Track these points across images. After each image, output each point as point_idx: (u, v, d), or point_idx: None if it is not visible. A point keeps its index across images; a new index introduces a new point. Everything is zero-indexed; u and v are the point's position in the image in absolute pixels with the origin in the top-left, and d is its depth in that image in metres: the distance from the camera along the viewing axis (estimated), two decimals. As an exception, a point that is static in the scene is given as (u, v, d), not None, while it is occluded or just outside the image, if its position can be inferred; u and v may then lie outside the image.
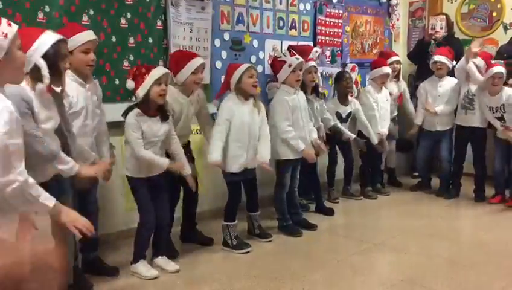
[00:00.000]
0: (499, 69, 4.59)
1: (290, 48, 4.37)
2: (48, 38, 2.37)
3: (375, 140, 4.95)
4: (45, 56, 2.33)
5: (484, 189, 5.03)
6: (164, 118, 3.18)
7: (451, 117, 5.11)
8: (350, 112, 4.92)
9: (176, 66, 3.49)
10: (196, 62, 3.47)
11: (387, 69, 5.08)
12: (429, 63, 5.13)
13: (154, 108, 3.13)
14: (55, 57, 2.38)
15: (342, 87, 4.89)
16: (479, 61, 4.73)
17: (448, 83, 5.07)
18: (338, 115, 4.86)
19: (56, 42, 2.39)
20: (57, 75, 2.39)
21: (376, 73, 5.08)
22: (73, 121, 2.84)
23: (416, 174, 5.77)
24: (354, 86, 5.13)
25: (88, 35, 2.94)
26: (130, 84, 3.11)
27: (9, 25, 1.80)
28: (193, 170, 3.45)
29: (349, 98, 4.95)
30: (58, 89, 2.45)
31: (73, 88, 2.84)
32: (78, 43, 2.86)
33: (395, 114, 5.44)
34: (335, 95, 5.05)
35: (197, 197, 3.80)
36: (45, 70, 2.28)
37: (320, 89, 4.64)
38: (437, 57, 5.02)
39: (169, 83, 3.24)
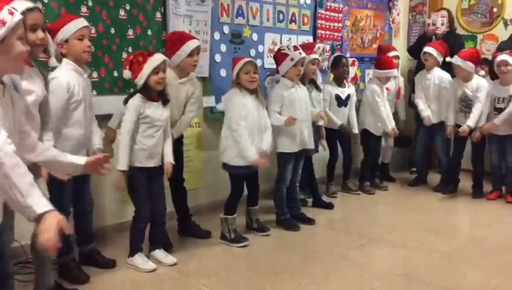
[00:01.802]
0: (503, 57, 4.62)
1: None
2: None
3: (356, 130, 4.98)
4: None
5: (482, 185, 5.03)
6: (165, 102, 3.17)
7: (442, 111, 5.09)
8: (349, 94, 4.91)
9: (171, 48, 3.46)
10: (192, 44, 3.44)
11: (395, 72, 5.12)
12: None
13: (155, 93, 3.12)
14: None
15: (339, 73, 4.87)
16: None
17: (436, 76, 5.07)
18: (338, 98, 4.84)
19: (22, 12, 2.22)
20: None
21: (384, 74, 5.03)
22: (74, 111, 2.84)
23: (414, 169, 5.77)
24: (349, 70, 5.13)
25: (80, 22, 2.92)
26: (126, 74, 3.09)
27: (11, 13, 1.71)
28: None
29: (344, 81, 4.95)
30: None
31: (74, 78, 2.84)
32: (71, 30, 2.86)
33: (393, 110, 5.42)
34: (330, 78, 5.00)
35: (185, 190, 3.77)
36: None
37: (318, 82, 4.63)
38: (426, 48, 5.09)
39: None
